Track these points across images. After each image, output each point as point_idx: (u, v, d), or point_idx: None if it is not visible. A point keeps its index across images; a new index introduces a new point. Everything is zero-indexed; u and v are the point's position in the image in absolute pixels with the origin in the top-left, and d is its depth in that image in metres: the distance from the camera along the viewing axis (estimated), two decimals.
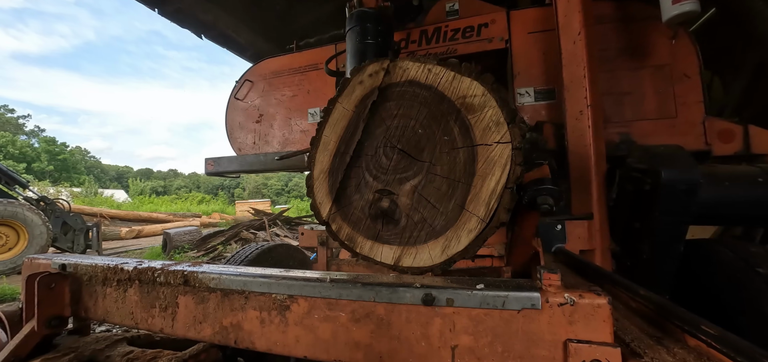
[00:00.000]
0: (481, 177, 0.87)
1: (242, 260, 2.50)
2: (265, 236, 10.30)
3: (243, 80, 3.51)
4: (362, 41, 2.13)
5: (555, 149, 2.01)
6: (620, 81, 2.29)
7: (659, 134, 2.18)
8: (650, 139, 2.18)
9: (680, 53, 2.21)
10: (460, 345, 0.77)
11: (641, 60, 2.27)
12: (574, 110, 1.87)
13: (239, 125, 3.50)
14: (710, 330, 0.72)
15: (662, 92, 2.21)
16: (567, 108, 1.88)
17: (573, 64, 1.90)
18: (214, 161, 3.44)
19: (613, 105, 2.27)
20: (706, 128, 2.12)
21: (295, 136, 3.24)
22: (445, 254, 0.90)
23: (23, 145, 47.35)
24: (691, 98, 2.16)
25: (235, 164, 3.35)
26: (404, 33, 2.77)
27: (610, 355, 0.66)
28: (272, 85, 3.41)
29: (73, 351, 1.28)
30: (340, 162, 1.02)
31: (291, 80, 3.34)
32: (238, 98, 3.51)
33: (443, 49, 2.69)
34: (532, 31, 2.43)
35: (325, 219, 1.03)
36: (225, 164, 3.40)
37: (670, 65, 2.22)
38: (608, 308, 0.69)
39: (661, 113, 2.21)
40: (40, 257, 1.39)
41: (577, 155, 1.84)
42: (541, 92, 2.37)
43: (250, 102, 3.49)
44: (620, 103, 2.27)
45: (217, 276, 1.01)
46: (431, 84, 0.94)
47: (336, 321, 0.87)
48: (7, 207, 7.11)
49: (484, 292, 0.76)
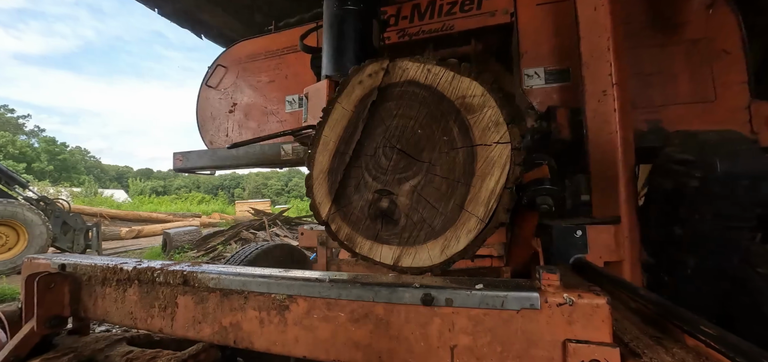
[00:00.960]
0: (480, 177, 0.87)
1: (242, 260, 2.50)
2: (265, 236, 10.30)
3: (215, 66, 3.21)
4: (341, 6, 1.77)
5: (571, 138, 1.74)
6: (647, 60, 1.95)
7: (694, 121, 1.84)
8: (684, 127, 1.86)
9: (718, 25, 1.88)
10: (459, 345, 0.77)
11: (671, 34, 1.95)
12: (595, 90, 1.57)
13: (211, 115, 3.20)
14: (709, 330, 0.72)
15: (697, 71, 1.88)
16: (586, 88, 1.59)
17: (594, 35, 1.60)
18: (183, 155, 3.11)
19: (639, 88, 1.92)
20: (753, 113, 1.75)
21: (272, 127, 2.96)
22: (444, 254, 0.90)
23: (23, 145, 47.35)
24: (732, 78, 1.82)
25: (205, 160, 3.04)
26: (393, 8, 2.51)
27: (609, 355, 0.67)
28: (247, 71, 3.10)
29: (72, 350, 1.28)
30: (339, 162, 1.02)
31: (268, 64, 3.03)
32: (210, 85, 3.21)
33: (438, 26, 2.42)
34: (541, 1, 2.12)
35: (325, 219, 1.03)
36: (194, 159, 3.07)
37: (706, 40, 1.89)
38: (607, 308, 0.69)
39: (696, 96, 1.86)
40: (39, 257, 1.39)
41: (599, 144, 1.54)
42: (553, 73, 2.05)
43: (223, 90, 3.18)
44: (647, 85, 1.93)
45: (216, 275, 1.01)
46: (430, 84, 0.94)
47: (335, 320, 0.87)
48: (7, 207, 7.11)
49: (483, 292, 0.76)
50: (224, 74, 3.21)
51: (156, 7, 4.30)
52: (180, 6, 4.35)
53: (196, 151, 3.09)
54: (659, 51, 1.96)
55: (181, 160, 3.12)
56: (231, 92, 3.16)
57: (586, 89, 1.60)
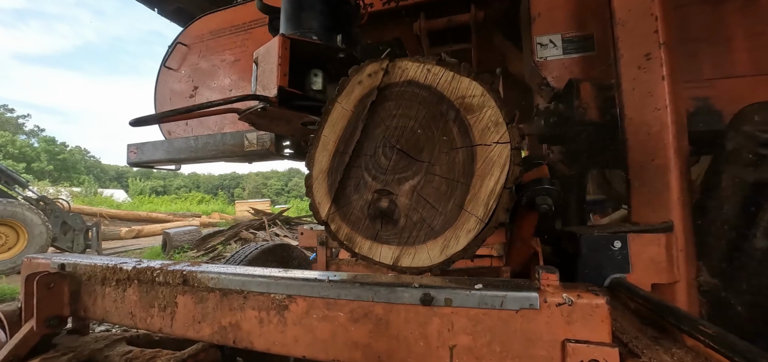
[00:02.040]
0: (480, 177, 0.87)
1: (241, 260, 2.50)
2: (264, 236, 10.30)
3: (175, 44, 2.86)
4: None
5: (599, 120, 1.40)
6: (693, 23, 1.57)
7: (756, 97, 1.41)
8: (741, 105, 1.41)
9: None
10: (459, 345, 0.77)
11: None
12: (634, 54, 1.25)
13: (170, 101, 2.85)
14: (708, 329, 0.72)
15: (760, 35, 1.51)
16: (622, 54, 1.27)
17: None
18: (138, 147, 2.75)
19: (683, 58, 1.50)
20: None
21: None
22: (443, 254, 0.90)
23: (23, 145, 47.33)
24: None
25: (160, 152, 2.67)
26: None
27: (608, 355, 0.67)
28: (210, 49, 2.76)
29: (72, 350, 1.28)
30: (339, 162, 1.02)
31: (233, 41, 2.68)
32: (170, 67, 2.86)
33: None
34: None
35: (324, 219, 1.03)
36: (149, 151, 2.70)
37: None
38: (606, 308, 0.69)
39: (759, 67, 1.50)
40: (39, 256, 1.40)
41: (641, 125, 1.22)
42: (573, 41, 1.68)
43: (183, 72, 2.83)
44: (693, 55, 1.55)
45: (216, 275, 1.02)
46: (430, 84, 0.94)
47: (334, 320, 0.87)
48: (7, 207, 7.11)
49: (482, 292, 0.76)
50: (186, 54, 2.85)
51: (156, 7, 4.29)
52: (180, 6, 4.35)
53: (151, 142, 2.69)
54: (709, 11, 1.56)
55: (135, 152, 2.73)
56: (192, 74, 2.81)
57: (622, 55, 1.26)
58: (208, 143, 2.51)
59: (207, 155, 2.52)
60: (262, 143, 2.34)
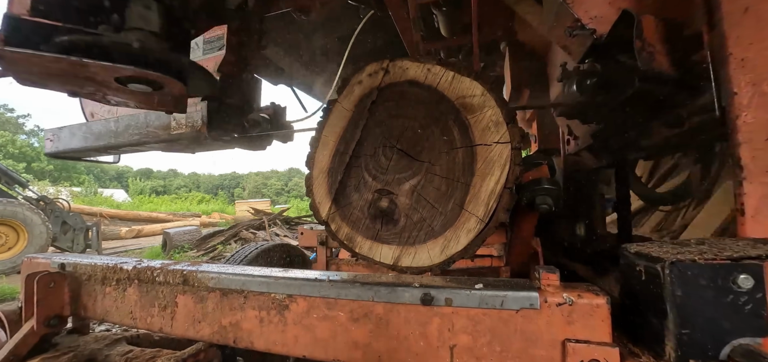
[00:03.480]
0: (480, 177, 0.87)
1: (241, 260, 2.50)
2: (264, 235, 10.30)
3: None
4: None
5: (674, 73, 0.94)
6: None
7: None
8: None
9: None
10: (459, 345, 0.77)
11: None
12: None
13: None
14: None
15: None
16: None
17: None
18: (55, 134, 2.37)
19: None
20: None
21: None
22: (444, 254, 0.90)
23: (23, 144, 47.33)
24: None
25: (78, 137, 2.29)
26: None
27: (608, 355, 0.67)
28: None
29: (72, 350, 1.28)
30: (339, 162, 1.02)
31: None
32: None
33: None
34: None
35: (325, 219, 1.03)
36: (67, 138, 2.32)
37: None
38: (607, 308, 0.69)
39: None
40: (39, 256, 1.40)
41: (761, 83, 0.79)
42: None
43: None
44: None
45: (216, 275, 1.02)
46: (430, 84, 0.94)
47: (335, 320, 0.87)
48: (7, 207, 7.11)
49: (482, 292, 0.76)
50: None
51: None
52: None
53: (69, 126, 2.28)
54: None
55: (52, 140, 2.35)
56: None
57: None
58: (130, 126, 2.13)
59: (130, 140, 2.15)
60: (192, 123, 1.92)
